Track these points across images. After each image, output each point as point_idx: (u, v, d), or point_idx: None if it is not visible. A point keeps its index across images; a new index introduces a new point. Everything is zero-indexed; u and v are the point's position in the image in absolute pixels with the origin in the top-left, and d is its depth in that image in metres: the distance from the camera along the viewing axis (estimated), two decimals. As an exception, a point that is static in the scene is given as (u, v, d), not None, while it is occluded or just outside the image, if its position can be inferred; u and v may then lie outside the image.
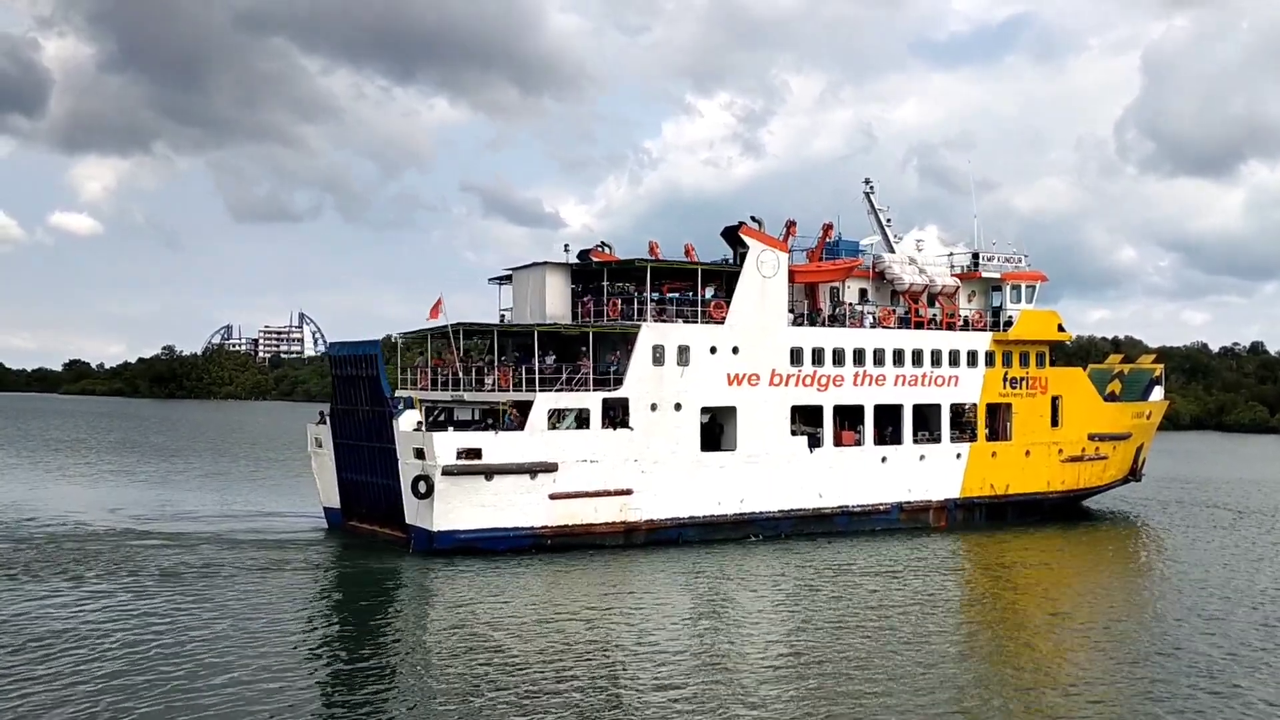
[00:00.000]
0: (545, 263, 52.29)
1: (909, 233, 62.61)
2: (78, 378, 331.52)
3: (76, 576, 38.56)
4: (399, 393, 50.06)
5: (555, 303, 51.58)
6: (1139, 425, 66.81)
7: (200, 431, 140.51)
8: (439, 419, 50.61)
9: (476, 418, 50.80)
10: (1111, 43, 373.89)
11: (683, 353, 48.71)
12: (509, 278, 55.54)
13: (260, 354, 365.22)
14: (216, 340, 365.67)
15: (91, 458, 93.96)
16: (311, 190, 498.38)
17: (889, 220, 63.26)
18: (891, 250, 60.53)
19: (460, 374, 49.00)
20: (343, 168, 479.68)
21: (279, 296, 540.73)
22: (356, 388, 47.39)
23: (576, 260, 53.84)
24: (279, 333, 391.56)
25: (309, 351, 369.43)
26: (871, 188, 63.45)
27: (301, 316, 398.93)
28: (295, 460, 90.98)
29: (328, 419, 50.81)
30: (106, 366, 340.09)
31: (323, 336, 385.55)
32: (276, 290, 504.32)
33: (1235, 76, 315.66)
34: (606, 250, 56.70)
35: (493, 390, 47.39)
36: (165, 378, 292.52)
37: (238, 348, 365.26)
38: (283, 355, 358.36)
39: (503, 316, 56.31)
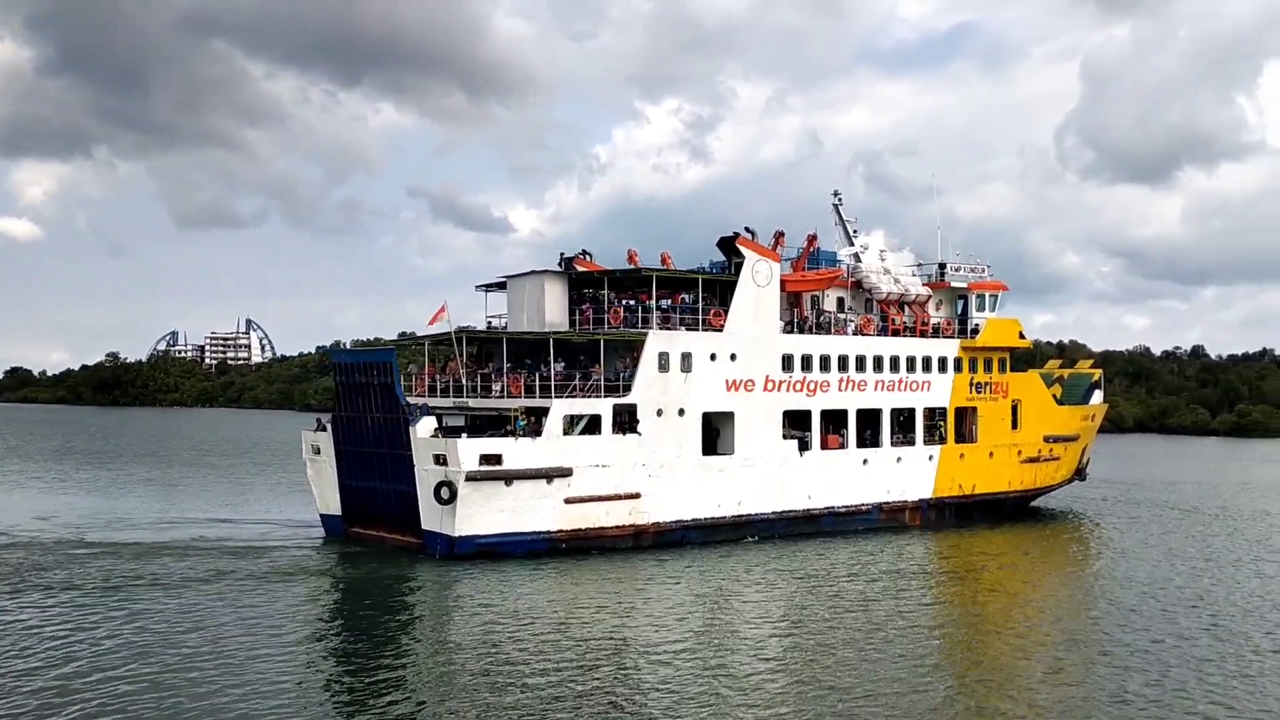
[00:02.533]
0: (545, 271, 51.48)
1: (856, 238, 62.93)
2: (20, 385, 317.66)
3: (102, 588, 36.86)
4: None
5: (554, 310, 50.74)
6: (1085, 427, 68.28)
7: (177, 440, 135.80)
8: None
9: (465, 424, 49.63)
10: (1054, 51, 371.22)
11: (686, 359, 48.26)
12: (502, 285, 54.60)
13: (207, 360, 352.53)
14: (162, 347, 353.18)
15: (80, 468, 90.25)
16: (257, 196, 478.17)
17: (855, 231, 63.63)
18: (858, 260, 60.84)
19: (464, 380, 48.00)
20: (289, 173, 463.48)
21: (226, 303, 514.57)
22: (365, 395, 45.94)
23: (558, 267, 53.20)
24: (226, 339, 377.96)
25: (256, 358, 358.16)
26: (840, 199, 63.75)
27: (249, 323, 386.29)
28: (268, 467, 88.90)
29: (328, 426, 49.27)
30: (49, 374, 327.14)
31: (270, 343, 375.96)
32: (223, 297, 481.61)
33: (1172, 85, 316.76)
34: (588, 259, 56.17)
35: (501, 396, 46.44)
36: (109, 384, 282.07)
37: (184, 354, 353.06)
38: (230, 362, 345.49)
39: (489, 323, 55.39)
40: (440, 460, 42.45)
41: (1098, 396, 70.38)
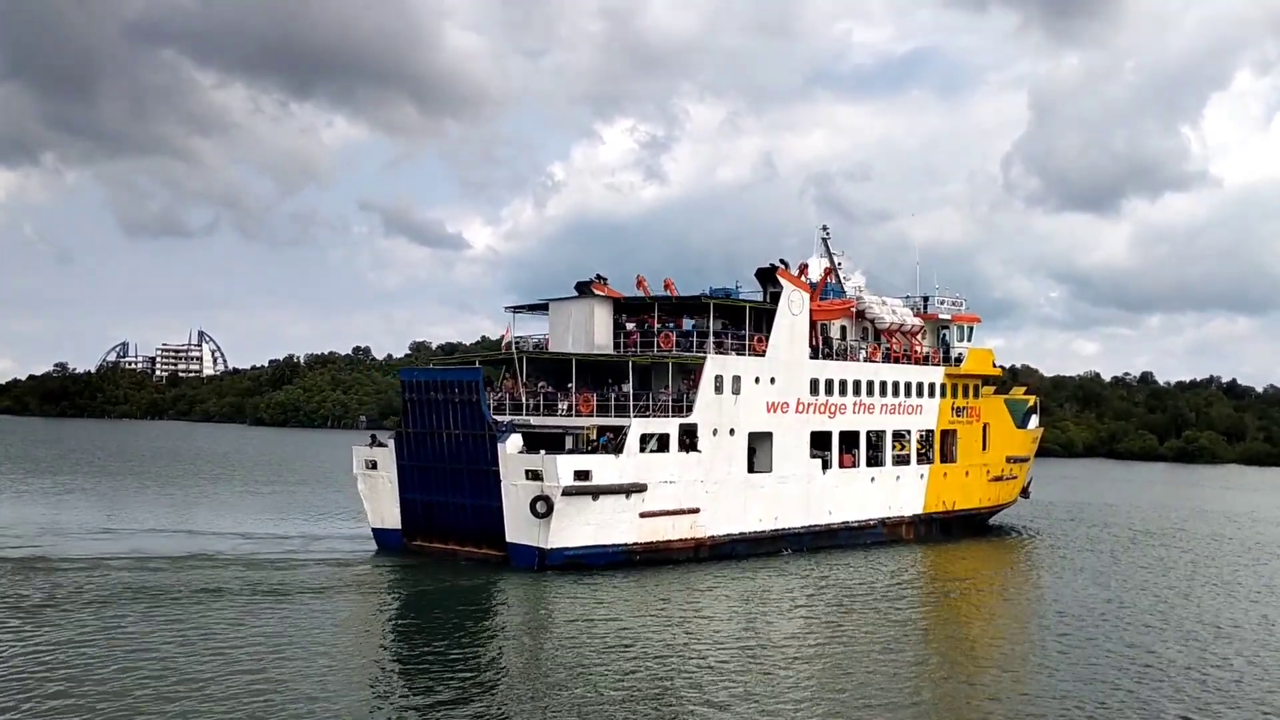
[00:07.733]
0: (593, 295, 52.20)
1: (809, 260, 64.97)
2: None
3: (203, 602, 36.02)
4: None
5: (601, 333, 51.52)
6: (1033, 449, 72.38)
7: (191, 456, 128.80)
8: None
9: None
10: (1008, 79, 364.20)
11: (736, 382, 49.57)
12: (535, 307, 55.09)
13: (158, 372, 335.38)
14: (112, 358, 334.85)
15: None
16: (207, 206, 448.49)
17: (840, 264, 65.96)
18: (843, 291, 63.19)
19: (524, 399, 48.29)
20: (239, 183, 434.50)
21: (176, 314, 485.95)
22: (444, 412, 45.64)
23: (575, 292, 53.94)
24: (177, 351, 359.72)
25: (208, 370, 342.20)
26: (828, 233, 66.10)
27: (201, 334, 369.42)
28: (277, 483, 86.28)
29: (387, 442, 48.83)
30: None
31: (223, 355, 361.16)
32: (173, 307, 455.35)
33: (1118, 115, 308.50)
34: (603, 282, 56.94)
35: (569, 415, 46.90)
36: (57, 395, 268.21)
37: (134, 366, 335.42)
38: (181, 374, 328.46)
39: (516, 343, 55.58)
40: (533, 475, 42.71)
41: (1034, 421, 74.29)
